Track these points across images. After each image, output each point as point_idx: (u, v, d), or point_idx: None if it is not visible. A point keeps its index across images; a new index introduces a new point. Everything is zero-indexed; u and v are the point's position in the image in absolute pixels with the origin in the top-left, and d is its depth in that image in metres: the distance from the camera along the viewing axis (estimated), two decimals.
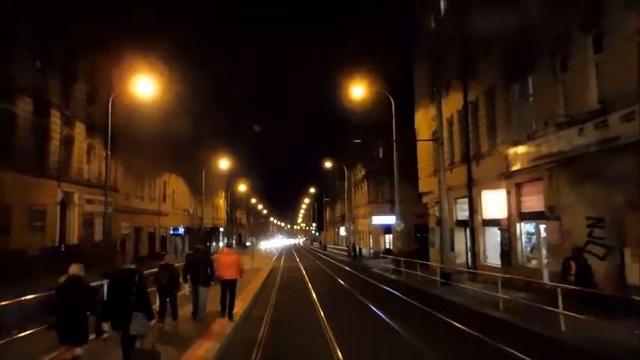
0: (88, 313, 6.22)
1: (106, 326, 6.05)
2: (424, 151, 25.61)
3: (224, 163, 47.18)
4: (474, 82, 18.99)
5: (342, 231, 63.57)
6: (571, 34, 12.60)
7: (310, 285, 19.39)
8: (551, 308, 9.60)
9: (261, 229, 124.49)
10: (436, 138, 18.56)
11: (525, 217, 15.55)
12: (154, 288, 10.01)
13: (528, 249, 15.68)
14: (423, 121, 25.75)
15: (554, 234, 13.57)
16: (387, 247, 41.40)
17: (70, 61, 24.07)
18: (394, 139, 24.05)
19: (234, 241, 75.67)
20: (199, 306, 10.52)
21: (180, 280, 10.60)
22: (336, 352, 8.13)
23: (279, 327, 10.69)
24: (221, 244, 62.26)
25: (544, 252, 14.48)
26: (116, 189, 29.48)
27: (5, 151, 19.18)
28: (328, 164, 54.26)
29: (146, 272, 8.30)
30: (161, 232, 41.74)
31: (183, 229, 46.82)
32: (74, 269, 6.37)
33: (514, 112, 16.00)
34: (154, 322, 6.55)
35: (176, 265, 10.89)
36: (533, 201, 14.91)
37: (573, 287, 9.83)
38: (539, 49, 14.03)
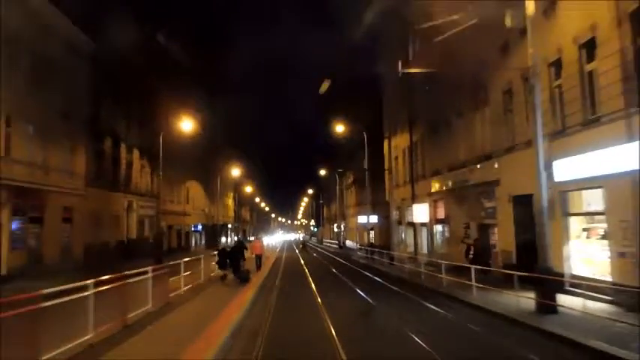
0: (227, 260, 16.45)
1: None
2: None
3: (235, 171, 56.54)
4: (415, 129, 28.13)
5: (336, 227, 72.97)
6: (451, 116, 21.79)
7: (304, 264, 28.82)
8: (425, 271, 18.79)
9: (263, 225, 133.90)
10: (388, 169, 27.71)
11: (438, 221, 24.82)
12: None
13: (439, 241, 24.95)
14: (392, 147, 34.98)
15: (447, 232, 22.82)
16: (371, 241, 50.80)
17: (131, 107, 33.29)
18: (366, 167, 33.37)
19: (240, 236, 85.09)
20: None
21: None
22: (312, 288, 17.55)
23: (285, 277, 21.08)
24: (229, 239, 71.65)
25: (445, 243, 23.74)
26: (157, 196, 38.74)
27: (98, 175, 28.42)
28: (324, 172, 63.38)
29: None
30: (185, 229, 51.01)
31: (201, 226, 56.16)
32: (225, 244, 17.29)
33: (432, 155, 25.19)
34: (244, 262, 17.05)
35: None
36: (441, 211, 24.14)
37: (459, 264, 18.75)
38: (440, 120, 23.21)
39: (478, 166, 19.05)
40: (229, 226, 76.97)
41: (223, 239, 69.42)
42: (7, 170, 18.95)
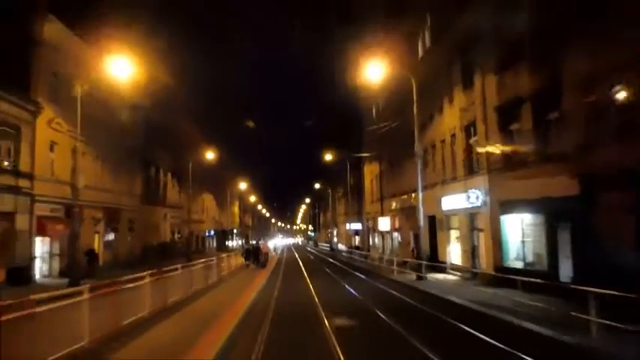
0: (250, 255, 26.53)
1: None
2: (367, 190, 44.81)
3: (242, 185, 66.37)
4: (382, 160, 37.97)
5: (329, 233, 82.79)
6: (400, 159, 31.57)
7: (299, 261, 38.65)
8: (377, 264, 28.46)
9: (264, 229, 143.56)
10: (362, 190, 37.52)
11: (395, 230, 34.60)
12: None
13: (397, 245, 34.73)
14: (368, 172, 44.90)
15: (399, 239, 32.62)
16: (357, 244, 60.64)
17: (166, 141, 43.14)
18: (349, 190, 43.20)
19: (244, 241, 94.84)
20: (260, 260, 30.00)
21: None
22: (304, 275, 27.29)
23: (287, 268, 30.37)
24: (235, 243, 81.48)
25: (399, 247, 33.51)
26: (184, 207, 48.53)
27: (147, 194, 38.15)
28: (319, 185, 73.31)
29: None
30: (201, 234, 60.69)
31: (213, 232, 65.96)
32: (251, 244, 26.95)
33: (392, 182, 34.98)
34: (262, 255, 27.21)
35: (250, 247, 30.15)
36: (396, 223, 33.92)
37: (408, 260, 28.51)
38: (395, 159, 33.02)
39: (413, 194, 28.82)
40: (234, 231, 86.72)
41: (230, 243, 79.31)
42: (102, 197, 28.75)
